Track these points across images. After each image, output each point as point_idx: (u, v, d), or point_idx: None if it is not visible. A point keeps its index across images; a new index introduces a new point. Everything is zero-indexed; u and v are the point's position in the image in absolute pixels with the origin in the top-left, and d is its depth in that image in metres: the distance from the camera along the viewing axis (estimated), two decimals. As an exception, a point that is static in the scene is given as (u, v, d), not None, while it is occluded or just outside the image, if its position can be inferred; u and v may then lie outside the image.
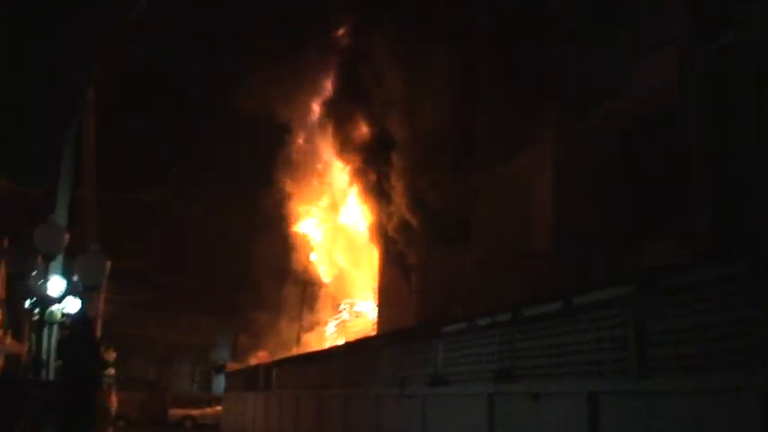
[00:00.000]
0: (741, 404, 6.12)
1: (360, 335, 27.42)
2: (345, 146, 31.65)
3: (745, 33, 11.86)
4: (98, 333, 38.19)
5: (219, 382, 43.83)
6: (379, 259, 30.01)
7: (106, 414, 10.84)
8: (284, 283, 41.46)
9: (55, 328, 12.47)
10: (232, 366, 39.88)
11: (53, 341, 12.74)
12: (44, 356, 11.47)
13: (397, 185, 25.76)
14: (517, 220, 18.97)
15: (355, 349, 16.88)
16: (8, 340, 23.84)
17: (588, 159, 15.55)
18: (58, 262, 13.49)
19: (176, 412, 44.84)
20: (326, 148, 35.26)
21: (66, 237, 12.64)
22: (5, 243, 23.52)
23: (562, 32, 16.71)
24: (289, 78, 36.09)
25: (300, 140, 38.87)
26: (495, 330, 10.15)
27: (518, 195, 18.87)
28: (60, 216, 15.39)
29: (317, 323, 38.92)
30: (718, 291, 6.62)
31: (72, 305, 13.20)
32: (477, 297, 19.03)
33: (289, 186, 39.87)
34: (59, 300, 12.51)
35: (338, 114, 31.45)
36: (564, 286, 11.90)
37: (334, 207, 37.63)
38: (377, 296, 30.36)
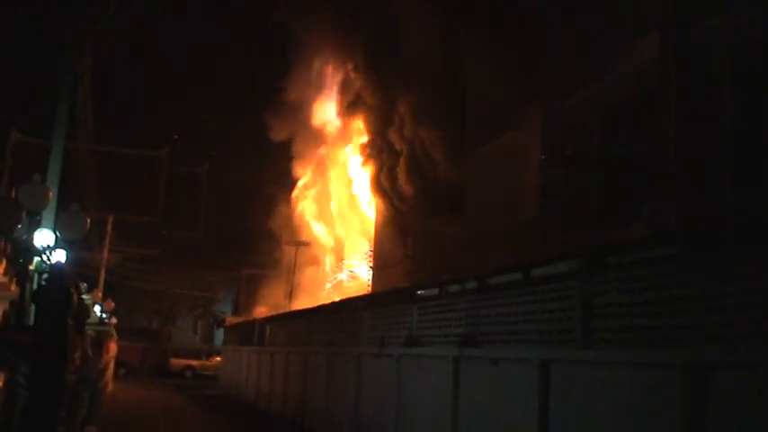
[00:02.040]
0: (668, 378, 6.61)
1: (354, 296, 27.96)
2: (352, 111, 32.25)
3: (724, 19, 12.18)
4: (101, 283, 39.16)
5: (220, 335, 44.62)
6: (376, 225, 30.54)
7: (87, 359, 11.35)
8: (284, 242, 41.99)
9: (43, 277, 13.00)
10: (232, 320, 40.59)
11: None
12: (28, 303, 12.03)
13: (398, 157, 26.33)
14: (507, 193, 19.37)
15: (339, 309, 17.42)
16: (12, 287, 24.49)
17: (573, 137, 15.94)
18: (49, 215, 14.11)
19: (177, 362, 45.74)
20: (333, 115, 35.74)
21: (51, 194, 13.16)
22: (12, 192, 23.97)
23: (551, 14, 17.00)
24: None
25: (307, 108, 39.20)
26: (463, 297, 10.68)
27: (508, 170, 19.25)
28: (54, 169, 15.85)
29: (314, 282, 39.50)
30: (655, 270, 7.08)
31: (57, 256, 13.81)
32: (467, 265, 19.47)
33: (293, 152, 40.39)
34: (45, 251, 13.08)
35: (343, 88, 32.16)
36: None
37: (336, 172, 38.03)
38: (372, 260, 30.93)
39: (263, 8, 37.50)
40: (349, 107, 32.82)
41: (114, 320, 32.31)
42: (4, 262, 25.24)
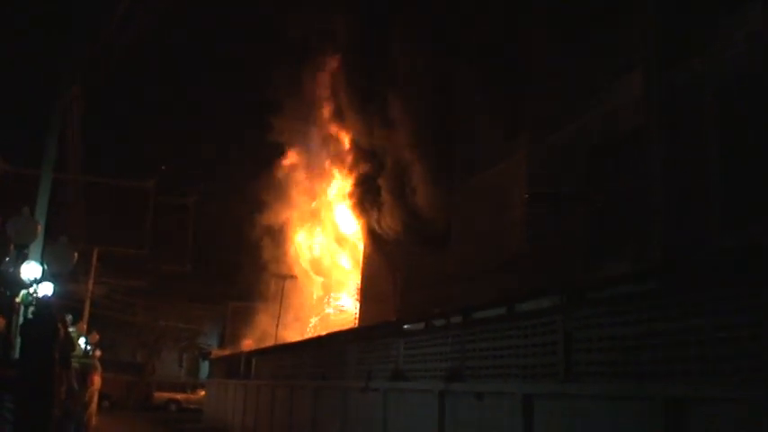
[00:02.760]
0: (648, 411, 6.73)
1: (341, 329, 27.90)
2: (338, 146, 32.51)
3: (707, 60, 12.43)
4: (86, 315, 38.97)
5: (206, 368, 44.36)
6: (363, 258, 30.58)
7: (73, 392, 11.35)
8: (270, 275, 41.95)
9: (30, 309, 13.04)
10: (218, 353, 40.42)
11: None
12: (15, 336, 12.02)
13: (384, 190, 26.47)
14: (494, 226, 19.50)
15: (325, 343, 17.42)
16: (-1, 320, 24.45)
17: (559, 172, 16.13)
18: (36, 248, 14.15)
19: (161, 395, 45.41)
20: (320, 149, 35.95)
21: (39, 228, 13.23)
22: (-1, 222, 24.03)
23: (539, 49, 17.27)
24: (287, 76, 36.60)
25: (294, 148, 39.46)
26: (449, 331, 10.77)
27: (495, 203, 19.41)
28: (42, 202, 15.90)
29: (300, 315, 39.45)
30: (634, 305, 7.21)
31: (44, 289, 13.84)
32: (455, 299, 19.54)
33: (280, 185, 40.50)
34: (32, 284, 13.10)
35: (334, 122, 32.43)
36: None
37: (324, 203, 38.14)
38: (359, 293, 30.92)
39: (252, 38, 37.82)
40: (335, 137, 33.05)
41: (99, 353, 32.14)
42: (-11, 294, 25.26)
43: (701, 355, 6.37)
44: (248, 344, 38.25)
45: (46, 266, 13.84)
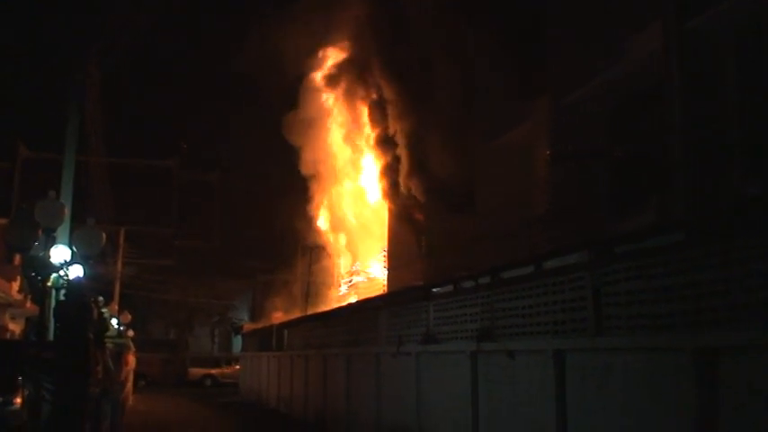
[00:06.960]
0: (679, 361, 6.75)
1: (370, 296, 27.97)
2: (357, 115, 32.38)
3: (724, 11, 12.24)
4: (116, 296, 39.44)
5: (238, 342, 44.74)
6: (389, 224, 30.57)
7: (108, 372, 11.55)
8: (298, 246, 42.04)
9: (61, 292, 13.22)
10: (249, 327, 40.76)
11: None
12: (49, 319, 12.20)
13: (404, 156, 26.44)
14: (518, 187, 19.46)
15: (356, 311, 17.56)
16: (27, 304, 24.85)
17: (580, 131, 16.01)
18: (64, 231, 14.33)
19: (196, 371, 45.89)
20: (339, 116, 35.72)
21: (66, 211, 13.36)
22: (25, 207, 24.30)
23: (556, 8, 17.08)
24: (302, 32, 36.02)
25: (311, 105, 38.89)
26: (478, 292, 10.81)
27: (517, 164, 19.35)
28: (66, 184, 16.03)
29: (330, 285, 39.57)
30: (661, 258, 7.20)
31: (74, 271, 14.01)
32: (482, 261, 19.54)
33: (302, 154, 40.24)
34: (62, 267, 13.26)
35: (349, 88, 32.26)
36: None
37: (347, 173, 38.02)
38: (387, 260, 30.96)
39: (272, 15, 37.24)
40: (351, 101, 32.82)
41: (131, 333, 32.56)
42: (18, 279, 25.59)
43: (730, 304, 6.36)
44: (279, 316, 38.50)
45: (75, 249, 14.00)
